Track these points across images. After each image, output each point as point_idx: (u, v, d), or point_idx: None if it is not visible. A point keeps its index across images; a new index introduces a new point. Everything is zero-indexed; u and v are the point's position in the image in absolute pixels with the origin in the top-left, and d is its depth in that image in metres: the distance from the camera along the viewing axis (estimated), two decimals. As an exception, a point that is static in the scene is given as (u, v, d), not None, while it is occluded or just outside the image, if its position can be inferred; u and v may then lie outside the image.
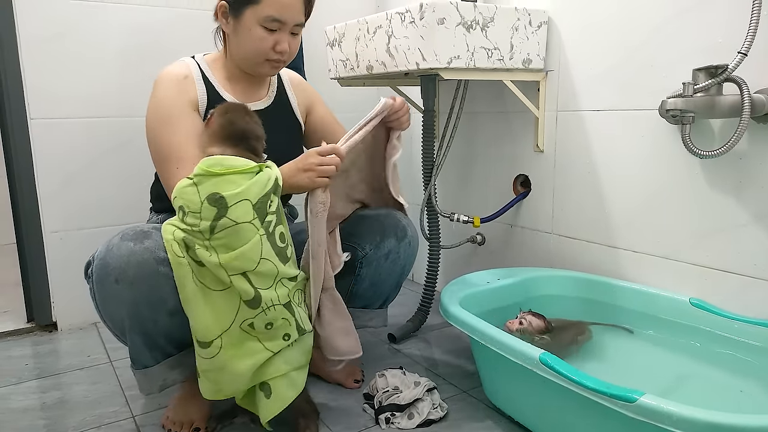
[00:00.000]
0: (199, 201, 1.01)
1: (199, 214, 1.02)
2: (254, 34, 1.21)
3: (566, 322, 1.35)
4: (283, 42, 1.23)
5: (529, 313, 1.33)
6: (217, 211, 1.01)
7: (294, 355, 1.14)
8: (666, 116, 1.22)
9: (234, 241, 1.02)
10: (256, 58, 1.24)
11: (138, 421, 1.28)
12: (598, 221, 1.52)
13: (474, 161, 1.89)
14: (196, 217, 1.02)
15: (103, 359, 1.61)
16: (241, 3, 1.20)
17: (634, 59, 1.39)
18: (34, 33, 1.67)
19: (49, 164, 1.74)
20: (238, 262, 1.02)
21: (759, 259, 1.21)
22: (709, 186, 1.28)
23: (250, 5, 1.19)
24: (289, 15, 1.21)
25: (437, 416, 1.25)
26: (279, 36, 1.22)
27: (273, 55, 1.24)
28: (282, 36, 1.23)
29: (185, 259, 1.03)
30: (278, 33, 1.22)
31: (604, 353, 1.29)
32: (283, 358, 1.11)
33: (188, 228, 1.03)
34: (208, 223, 1.01)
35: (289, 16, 1.21)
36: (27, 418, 1.30)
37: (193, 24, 1.89)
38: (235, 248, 1.02)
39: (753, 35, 1.10)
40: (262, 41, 1.21)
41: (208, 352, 1.06)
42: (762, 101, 1.13)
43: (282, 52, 1.24)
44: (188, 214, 1.03)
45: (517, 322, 1.31)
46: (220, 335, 1.05)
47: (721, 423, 0.78)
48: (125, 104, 1.82)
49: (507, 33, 1.46)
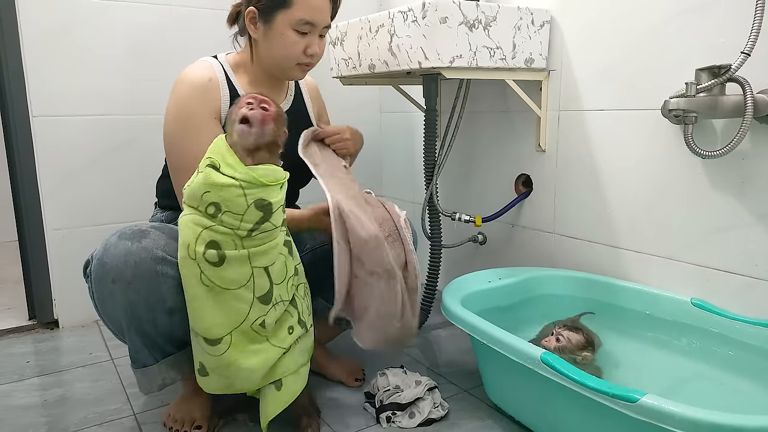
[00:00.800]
0: (246, 204, 1.01)
1: (241, 216, 1.01)
2: (287, 38, 1.22)
3: None
4: (314, 45, 1.24)
5: (564, 327, 1.27)
6: (263, 215, 1.03)
7: (300, 351, 1.15)
8: (668, 116, 1.22)
9: (266, 240, 1.06)
10: (287, 62, 1.25)
11: (139, 419, 1.28)
12: (600, 221, 1.52)
13: (476, 161, 1.89)
14: (237, 219, 1.01)
15: (104, 357, 1.61)
16: (272, 8, 1.20)
17: (636, 59, 1.38)
18: (37, 30, 1.67)
19: (51, 161, 1.74)
20: (266, 258, 1.06)
21: (761, 259, 1.21)
22: (711, 186, 1.28)
23: (282, 9, 1.20)
24: (319, 17, 1.22)
25: (438, 415, 1.25)
26: (310, 39, 1.24)
27: (304, 58, 1.25)
28: (312, 39, 1.24)
29: (197, 260, 1.01)
30: (309, 36, 1.23)
31: (605, 354, 1.29)
32: (292, 357, 1.13)
33: (224, 228, 1.01)
34: (250, 225, 1.02)
35: (320, 18, 1.22)
36: (28, 415, 1.30)
37: (198, 21, 1.89)
38: (265, 247, 1.05)
39: (756, 35, 1.10)
40: (294, 45, 1.22)
41: (216, 349, 1.05)
42: (765, 101, 1.13)
43: (313, 55, 1.25)
44: (226, 213, 1.01)
45: (554, 339, 1.25)
46: (230, 332, 1.05)
47: (723, 423, 0.78)
48: (128, 101, 1.82)
49: (509, 32, 1.46)
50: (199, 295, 1.03)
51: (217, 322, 1.04)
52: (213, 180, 1.00)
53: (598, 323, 1.35)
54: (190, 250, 1.01)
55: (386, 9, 1.51)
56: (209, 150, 1.04)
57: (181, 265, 1.03)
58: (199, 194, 1.01)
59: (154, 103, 1.86)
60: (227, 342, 1.05)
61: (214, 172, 1.01)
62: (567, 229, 1.62)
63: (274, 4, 1.20)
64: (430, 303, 1.74)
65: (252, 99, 1.06)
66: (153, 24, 1.83)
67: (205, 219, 1.01)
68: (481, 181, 1.88)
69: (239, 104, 1.06)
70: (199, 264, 1.01)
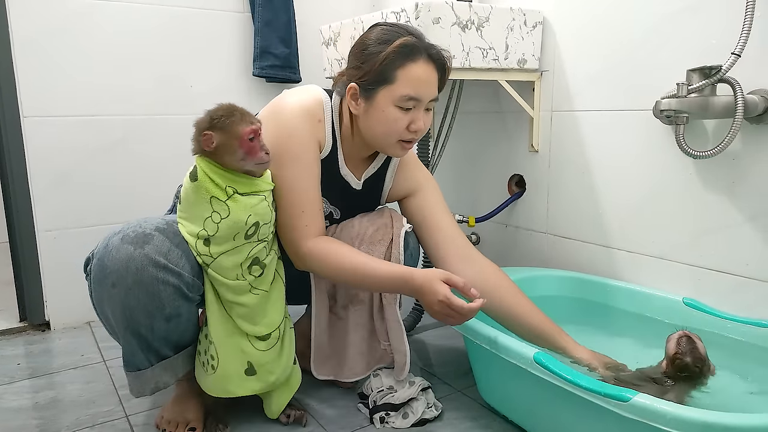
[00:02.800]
0: (270, 210, 1.13)
1: (270, 221, 1.12)
2: (389, 115, 1.14)
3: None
4: (419, 120, 1.15)
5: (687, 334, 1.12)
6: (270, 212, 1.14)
7: (290, 343, 1.24)
8: (660, 116, 1.23)
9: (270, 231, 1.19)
10: (388, 139, 1.17)
11: (132, 421, 1.27)
12: (593, 221, 1.52)
13: (469, 161, 1.89)
14: (269, 226, 1.12)
15: (96, 358, 1.60)
16: (374, 84, 1.13)
17: (628, 60, 1.39)
18: (28, 30, 1.66)
19: (43, 162, 1.73)
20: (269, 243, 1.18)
21: (752, 258, 1.22)
22: (702, 186, 1.29)
23: (385, 86, 1.12)
24: (425, 92, 1.13)
25: (432, 415, 1.25)
26: (414, 114, 1.15)
27: (407, 135, 1.16)
28: (417, 114, 1.15)
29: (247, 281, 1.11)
30: (413, 111, 1.15)
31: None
32: (291, 350, 1.24)
33: (261, 241, 1.11)
34: (273, 228, 1.16)
35: (426, 92, 1.14)
36: (20, 417, 1.29)
37: (189, 21, 1.88)
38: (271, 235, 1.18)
39: (746, 36, 1.11)
40: (396, 122, 1.14)
41: (267, 344, 1.14)
42: (755, 102, 1.14)
43: (417, 131, 1.16)
44: (263, 226, 1.10)
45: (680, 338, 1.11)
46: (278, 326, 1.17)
47: (715, 422, 0.79)
48: (120, 102, 1.81)
49: (502, 33, 1.46)
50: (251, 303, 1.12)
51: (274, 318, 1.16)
52: (247, 203, 1.06)
53: (597, 322, 1.35)
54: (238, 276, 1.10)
55: (379, 9, 1.52)
56: (213, 180, 1.05)
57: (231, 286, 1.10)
58: (243, 219, 1.06)
59: (146, 104, 1.85)
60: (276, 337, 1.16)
61: (242, 197, 1.06)
62: (560, 229, 1.62)
63: (377, 81, 1.12)
64: (424, 303, 1.74)
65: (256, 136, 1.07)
66: (144, 24, 1.82)
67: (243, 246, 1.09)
68: (475, 182, 1.88)
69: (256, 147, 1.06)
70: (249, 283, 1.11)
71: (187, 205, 1.08)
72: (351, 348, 1.31)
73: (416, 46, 1.13)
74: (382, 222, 1.27)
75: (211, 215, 1.05)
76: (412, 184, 1.34)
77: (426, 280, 1.09)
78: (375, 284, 1.17)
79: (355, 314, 1.31)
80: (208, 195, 1.05)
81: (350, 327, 1.31)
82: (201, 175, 1.04)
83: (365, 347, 1.32)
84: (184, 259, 1.06)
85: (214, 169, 1.05)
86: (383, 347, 1.31)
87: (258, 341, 1.14)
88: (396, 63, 1.11)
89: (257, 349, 1.14)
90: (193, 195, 1.06)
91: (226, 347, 1.12)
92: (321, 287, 1.30)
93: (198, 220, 1.06)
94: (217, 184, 1.05)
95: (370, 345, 1.32)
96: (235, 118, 1.04)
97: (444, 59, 1.17)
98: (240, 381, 1.14)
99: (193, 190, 1.06)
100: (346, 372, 1.32)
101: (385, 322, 1.28)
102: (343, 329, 1.32)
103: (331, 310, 1.32)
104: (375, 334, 1.31)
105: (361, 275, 1.15)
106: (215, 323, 1.10)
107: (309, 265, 1.19)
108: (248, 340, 1.13)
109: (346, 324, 1.32)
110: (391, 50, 1.11)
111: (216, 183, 1.05)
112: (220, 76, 1.96)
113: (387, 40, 1.12)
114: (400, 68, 1.11)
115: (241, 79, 2.00)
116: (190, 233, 1.07)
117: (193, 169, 1.06)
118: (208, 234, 1.06)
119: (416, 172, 1.35)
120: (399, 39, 1.12)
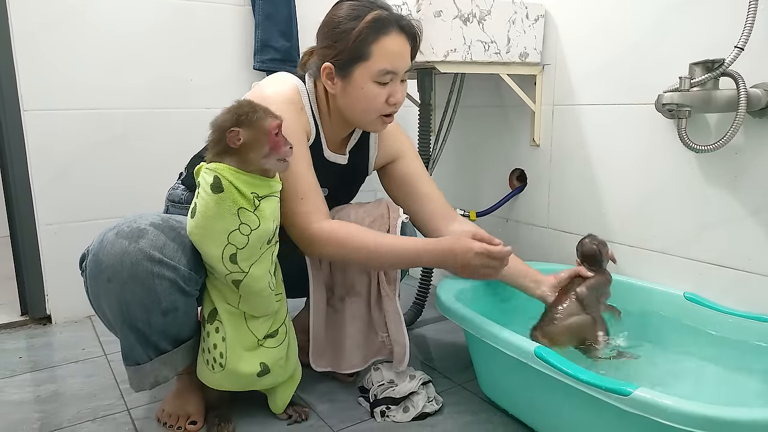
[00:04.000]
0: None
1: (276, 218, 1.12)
2: (368, 91, 1.14)
3: None
4: (397, 93, 1.17)
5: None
6: None
7: (293, 340, 1.26)
8: (662, 110, 1.22)
9: None
10: (368, 116, 1.19)
11: (133, 414, 1.28)
12: (594, 216, 1.52)
13: (470, 155, 1.89)
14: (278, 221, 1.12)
15: (97, 352, 1.60)
16: (349, 62, 1.13)
17: (631, 53, 1.38)
18: (27, 23, 1.65)
19: (43, 156, 1.72)
20: None
21: (754, 253, 1.21)
22: (705, 180, 1.28)
23: (361, 62, 1.12)
24: (400, 64, 1.15)
25: (432, 409, 1.25)
26: (392, 88, 1.16)
27: (387, 109, 1.18)
28: (395, 87, 1.17)
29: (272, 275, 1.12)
30: (391, 85, 1.16)
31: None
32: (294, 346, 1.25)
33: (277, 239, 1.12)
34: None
35: (401, 64, 1.15)
36: (21, 410, 1.30)
37: (190, 16, 1.88)
38: None
39: (750, 30, 1.10)
40: (376, 98, 1.15)
41: (276, 340, 1.15)
42: (758, 96, 1.14)
43: (396, 103, 1.18)
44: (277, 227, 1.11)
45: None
46: (284, 321, 1.18)
47: (715, 416, 0.79)
48: (120, 96, 1.81)
49: (504, 26, 1.46)
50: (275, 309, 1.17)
51: (282, 313, 1.19)
52: (271, 208, 1.05)
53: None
54: (270, 284, 1.11)
55: (380, 2, 1.51)
56: (239, 190, 1.00)
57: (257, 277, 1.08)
58: (271, 228, 1.06)
59: (146, 97, 1.85)
60: (284, 331, 1.18)
61: (264, 203, 1.04)
62: (561, 224, 1.62)
63: (352, 59, 1.12)
64: (425, 298, 1.74)
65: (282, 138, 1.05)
66: (145, 18, 1.81)
67: (266, 252, 1.08)
68: (476, 176, 1.88)
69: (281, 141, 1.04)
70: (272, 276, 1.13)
71: (205, 221, 1.00)
72: (348, 340, 1.31)
73: (387, 19, 1.13)
74: (378, 213, 1.27)
75: (238, 228, 1.00)
76: (396, 148, 1.37)
77: (455, 240, 1.14)
78: (392, 259, 1.17)
79: (352, 306, 1.31)
80: (234, 207, 0.99)
81: (347, 319, 1.31)
82: (226, 185, 0.98)
83: (362, 339, 1.32)
84: (180, 252, 1.05)
85: (236, 174, 0.99)
86: (381, 339, 1.31)
87: (268, 339, 1.14)
88: (370, 38, 1.11)
89: (268, 347, 1.14)
90: (216, 208, 0.99)
91: (238, 350, 1.11)
92: (319, 279, 1.30)
93: (220, 235, 1.01)
94: (243, 194, 1.00)
95: (367, 337, 1.32)
96: (260, 113, 1.02)
97: (415, 29, 1.18)
98: (252, 381, 1.15)
99: (216, 203, 0.99)
100: (344, 364, 1.32)
101: (383, 314, 1.28)
102: (340, 321, 1.32)
103: (328, 303, 1.32)
104: (372, 326, 1.31)
105: (375, 252, 1.15)
106: (229, 327, 1.10)
107: (319, 249, 1.17)
108: (259, 342, 1.13)
109: (343, 316, 1.32)
110: (363, 26, 1.11)
111: (242, 192, 1.00)
112: (220, 69, 1.96)
113: (357, 16, 1.12)
114: (374, 43, 1.11)
115: (242, 73, 2.00)
116: (213, 256, 1.03)
117: (213, 180, 0.98)
118: (237, 248, 1.02)
119: (399, 135, 1.39)
120: (369, 14, 1.12)
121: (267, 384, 1.18)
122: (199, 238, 1.03)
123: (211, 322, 1.11)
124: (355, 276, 1.29)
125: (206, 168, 1.01)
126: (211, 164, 1.01)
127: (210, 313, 1.11)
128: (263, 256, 1.07)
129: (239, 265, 1.04)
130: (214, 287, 1.11)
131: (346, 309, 1.31)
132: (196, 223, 1.02)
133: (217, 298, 1.10)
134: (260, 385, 1.17)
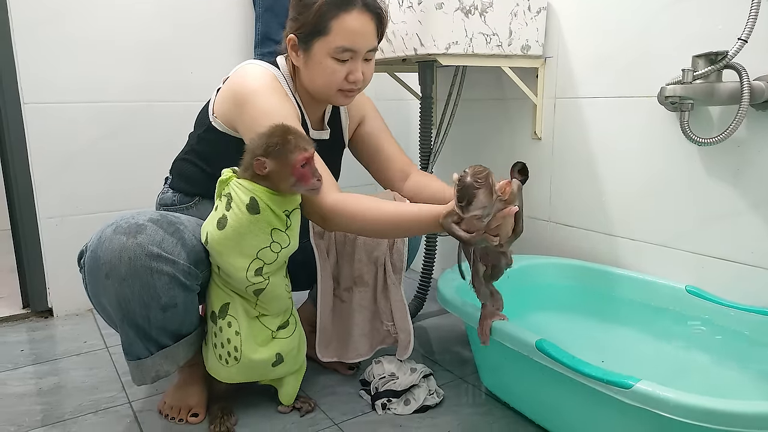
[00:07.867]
0: None
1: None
2: (326, 67, 1.14)
3: None
4: (357, 71, 1.16)
5: None
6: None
7: (301, 335, 1.25)
8: (665, 103, 1.22)
9: None
10: (328, 90, 1.18)
11: (135, 407, 1.28)
12: (596, 209, 1.52)
13: (471, 148, 1.88)
14: None
15: (99, 345, 1.61)
16: (309, 35, 1.13)
17: (633, 46, 1.38)
18: (28, 16, 1.65)
19: (44, 149, 1.72)
20: None
21: (756, 246, 1.21)
22: (707, 174, 1.28)
23: (320, 37, 1.12)
24: (361, 43, 1.13)
25: (433, 402, 1.25)
26: (352, 65, 1.15)
27: (346, 85, 1.17)
28: (355, 65, 1.15)
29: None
30: (351, 62, 1.15)
31: (599, 341, 1.29)
32: (301, 338, 1.25)
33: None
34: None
35: (362, 43, 1.13)
36: (24, 403, 1.30)
37: (191, 8, 1.87)
38: None
39: (753, 22, 1.09)
40: (334, 74, 1.15)
41: (287, 331, 1.17)
42: (761, 88, 1.13)
43: (355, 81, 1.17)
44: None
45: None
46: (291, 313, 1.20)
47: (717, 409, 0.79)
48: (120, 88, 1.80)
49: (506, 18, 1.45)
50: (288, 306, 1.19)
51: (289, 306, 1.19)
52: (297, 225, 1.09)
53: (599, 310, 1.35)
54: (287, 286, 1.16)
55: (382, -5, 1.50)
56: (274, 212, 1.03)
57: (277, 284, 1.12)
58: (297, 244, 1.10)
59: (147, 90, 1.84)
60: (293, 322, 1.20)
61: (292, 221, 1.08)
62: (562, 217, 1.61)
63: (312, 33, 1.13)
64: (426, 291, 1.74)
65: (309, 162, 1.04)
66: (145, 10, 1.81)
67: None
68: (477, 169, 1.87)
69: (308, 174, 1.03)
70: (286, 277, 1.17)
71: (237, 236, 1.03)
72: (355, 329, 1.32)
73: None
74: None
75: (269, 245, 1.05)
76: (360, 110, 1.39)
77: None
78: (409, 227, 1.11)
79: (359, 296, 1.32)
80: (269, 228, 1.03)
81: (354, 309, 1.33)
82: (263, 206, 1.02)
83: (368, 328, 1.33)
84: (179, 246, 1.05)
85: (270, 195, 1.02)
86: (386, 328, 1.32)
87: (280, 330, 1.16)
88: (330, 14, 1.11)
89: (281, 338, 1.16)
90: (250, 227, 1.02)
91: (253, 345, 1.12)
92: (326, 270, 1.31)
93: (249, 250, 1.04)
94: (278, 216, 1.03)
95: (373, 326, 1.34)
96: (290, 145, 1.01)
97: (379, 7, 1.16)
98: (266, 370, 1.16)
99: (252, 222, 1.02)
100: (351, 353, 1.33)
101: (389, 303, 1.29)
102: (346, 311, 1.34)
103: (334, 293, 1.33)
104: (378, 316, 1.33)
105: (393, 221, 1.10)
106: (243, 321, 1.11)
107: (335, 221, 1.13)
108: (273, 335, 1.15)
109: (349, 306, 1.33)
110: (324, 1, 1.11)
111: (277, 214, 1.03)
112: (221, 62, 1.95)
113: None
114: (334, 19, 1.11)
115: (243, 66, 1.99)
116: (238, 267, 1.05)
117: (250, 201, 1.01)
118: (264, 263, 1.06)
119: (361, 98, 1.38)
120: None
121: (280, 373, 1.18)
122: (226, 249, 1.05)
123: (222, 318, 1.11)
124: (363, 266, 1.31)
125: (241, 185, 1.02)
126: (247, 183, 1.02)
127: (221, 308, 1.11)
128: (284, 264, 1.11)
129: (263, 277, 1.07)
130: (227, 284, 1.11)
131: (354, 299, 1.33)
132: (225, 235, 1.04)
133: (230, 295, 1.11)
134: (274, 374, 1.18)
